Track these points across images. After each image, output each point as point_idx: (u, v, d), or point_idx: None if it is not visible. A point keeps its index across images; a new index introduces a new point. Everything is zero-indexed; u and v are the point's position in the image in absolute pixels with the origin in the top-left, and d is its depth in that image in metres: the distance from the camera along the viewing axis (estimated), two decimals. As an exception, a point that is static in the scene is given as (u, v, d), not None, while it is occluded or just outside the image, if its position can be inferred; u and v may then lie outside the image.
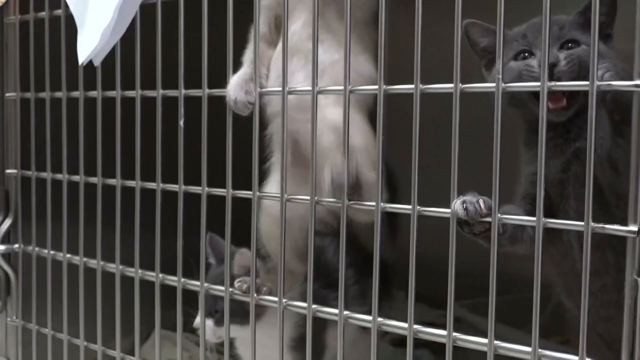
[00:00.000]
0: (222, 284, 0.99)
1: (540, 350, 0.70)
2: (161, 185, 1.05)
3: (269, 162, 1.11)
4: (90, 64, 1.06)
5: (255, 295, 0.96)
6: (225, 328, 1.00)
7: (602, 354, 0.88)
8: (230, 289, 0.99)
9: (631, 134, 0.66)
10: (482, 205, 0.75)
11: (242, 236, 1.08)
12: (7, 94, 1.32)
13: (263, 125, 1.08)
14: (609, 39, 0.89)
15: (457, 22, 0.75)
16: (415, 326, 0.80)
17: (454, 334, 0.77)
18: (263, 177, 1.10)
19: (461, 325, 0.79)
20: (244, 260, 1.09)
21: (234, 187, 0.97)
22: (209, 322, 1.15)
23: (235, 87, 0.99)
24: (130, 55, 1.06)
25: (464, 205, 0.76)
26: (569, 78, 0.83)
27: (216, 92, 0.98)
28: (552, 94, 0.83)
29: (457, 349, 0.78)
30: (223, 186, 0.97)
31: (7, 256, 1.33)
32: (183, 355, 1.08)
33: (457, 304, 0.78)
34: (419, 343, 0.82)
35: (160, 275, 1.07)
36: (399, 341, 1.39)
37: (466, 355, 0.84)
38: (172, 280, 1.06)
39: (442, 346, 0.79)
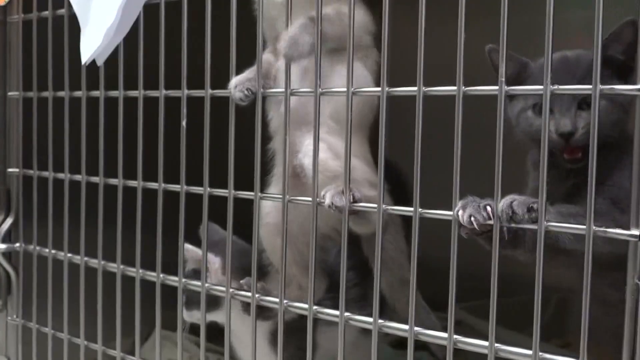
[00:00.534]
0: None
1: (540, 353, 0.70)
2: (163, 185, 1.05)
3: (270, 175, 1.11)
4: (93, 63, 1.07)
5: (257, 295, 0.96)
6: (226, 328, 1.00)
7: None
8: (232, 289, 0.99)
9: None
10: (489, 213, 0.75)
11: (245, 240, 1.09)
12: (9, 93, 1.32)
13: (266, 140, 1.09)
14: (630, 74, 0.84)
15: (461, 23, 0.75)
16: (416, 328, 0.80)
17: (455, 336, 0.77)
18: (264, 185, 1.10)
19: (461, 328, 0.79)
20: (194, 254, 1.12)
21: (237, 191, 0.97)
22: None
23: (239, 77, 0.99)
24: (133, 55, 1.06)
25: (471, 218, 0.75)
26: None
27: (219, 92, 0.99)
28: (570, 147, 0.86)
29: (456, 351, 0.78)
30: (225, 187, 0.97)
31: (8, 255, 1.33)
32: (183, 356, 1.08)
33: (456, 306, 0.78)
34: (419, 345, 0.82)
35: (162, 275, 1.07)
36: (399, 343, 1.39)
37: (466, 357, 0.84)
38: (173, 280, 1.06)
39: (441, 349, 0.79)
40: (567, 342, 1.39)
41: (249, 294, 0.97)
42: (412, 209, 0.79)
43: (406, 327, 0.81)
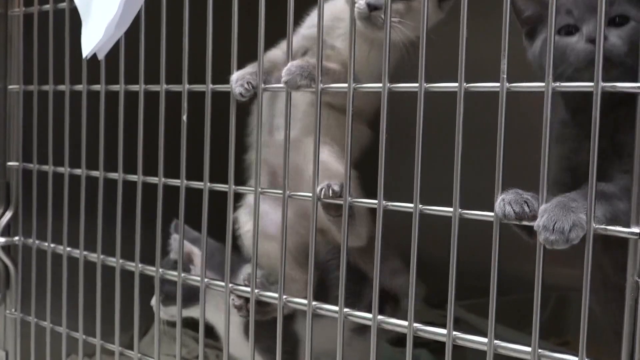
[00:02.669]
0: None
1: (540, 350, 0.70)
2: (163, 179, 1.05)
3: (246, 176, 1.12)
4: (94, 57, 1.06)
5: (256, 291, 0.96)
6: (225, 322, 1.00)
7: None
8: (231, 285, 0.99)
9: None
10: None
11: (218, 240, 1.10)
12: (10, 86, 1.32)
13: (243, 150, 1.09)
14: None
15: (463, 21, 0.75)
16: (415, 324, 0.80)
17: (454, 332, 0.77)
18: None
19: (459, 325, 0.78)
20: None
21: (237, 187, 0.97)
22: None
23: (240, 72, 0.99)
24: (135, 49, 1.06)
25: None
26: (621, 52, 0.79)
27: (220, 87, 0.98)
28: None
29: (455, 348, 0.78)
30: (223, 182, 0.97)
31: (7, 248, 1.33)
32: (181, 351, 1.08)
33: (455, 303, 0.78)
34: (417, 342, 0.81)
35: (160, 270, 1.07)
36: (397, 340, 1.39)
37: (464, 355, 0.84)
38: (172, 275, 1.06)
39: (440, 346, 0.79)
40: (565, 340, 1.39)
41: (248, 288, 0.97)
42: (412, 205, 0.79)
43: (405, 323, 0.81)
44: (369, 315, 0.84)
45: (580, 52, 0.81)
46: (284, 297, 0.93)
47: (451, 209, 0.77)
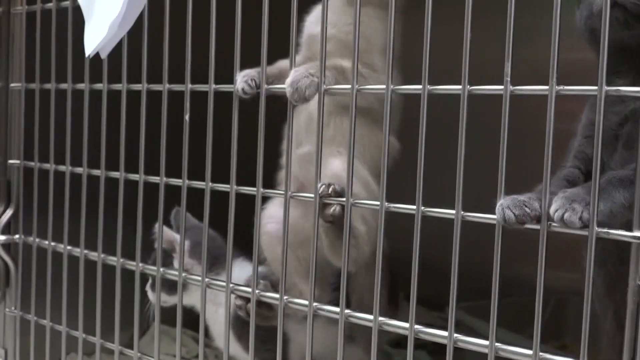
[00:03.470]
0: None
1: (540, 353, 0.70)
2: (164, 179, 1.05)
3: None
4: (96, 56, 1.06)
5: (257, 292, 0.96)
6: (225, 323, 1.00)
7: None
8: (231, 284, 0.99)
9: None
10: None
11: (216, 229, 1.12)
12: (12, 84, 1.32)
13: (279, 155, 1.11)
14: None
15: (467, 22, 0.75)
16: (416, 326, 0.80)
17: (455, 335, 0.77)
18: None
19: (458, 328, 0.78)
20: (164, 234, 1.13)
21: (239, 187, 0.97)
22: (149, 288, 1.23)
23: (248, 70, 0.99)
24: (137, 48, 1.06)
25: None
26: None
27: (223, 87, 0.98)
28: None
29: (454, 350, 0.78)
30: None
31: (7, 246, 1.33)
32: (180, 350, 1.08)
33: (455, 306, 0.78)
34: (416, 344, 0.81)
35: (162, 269, 1.07)
36: (397, 342, 1.39)
37: (462, 357, 0.84)
38: (173, 274, 1.06)
39: (439, 348, 0.79)
40: (563, 344, 1.39)
41: (249, 289, 0.97)
42: (414, 207, 0.79)
43: (406, 325, 0.81)
44: (370, 317, 0.84)
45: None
46: (285, 297, 0.92)
47: (453, 211, 0.77)
